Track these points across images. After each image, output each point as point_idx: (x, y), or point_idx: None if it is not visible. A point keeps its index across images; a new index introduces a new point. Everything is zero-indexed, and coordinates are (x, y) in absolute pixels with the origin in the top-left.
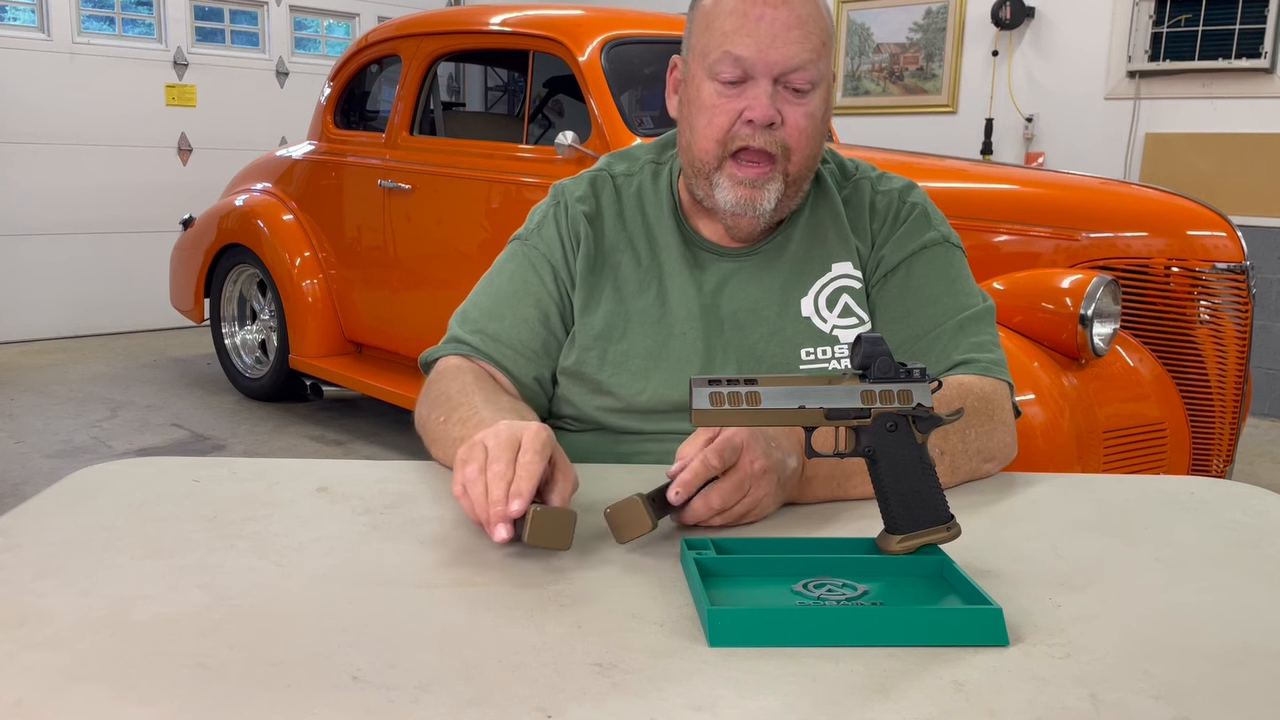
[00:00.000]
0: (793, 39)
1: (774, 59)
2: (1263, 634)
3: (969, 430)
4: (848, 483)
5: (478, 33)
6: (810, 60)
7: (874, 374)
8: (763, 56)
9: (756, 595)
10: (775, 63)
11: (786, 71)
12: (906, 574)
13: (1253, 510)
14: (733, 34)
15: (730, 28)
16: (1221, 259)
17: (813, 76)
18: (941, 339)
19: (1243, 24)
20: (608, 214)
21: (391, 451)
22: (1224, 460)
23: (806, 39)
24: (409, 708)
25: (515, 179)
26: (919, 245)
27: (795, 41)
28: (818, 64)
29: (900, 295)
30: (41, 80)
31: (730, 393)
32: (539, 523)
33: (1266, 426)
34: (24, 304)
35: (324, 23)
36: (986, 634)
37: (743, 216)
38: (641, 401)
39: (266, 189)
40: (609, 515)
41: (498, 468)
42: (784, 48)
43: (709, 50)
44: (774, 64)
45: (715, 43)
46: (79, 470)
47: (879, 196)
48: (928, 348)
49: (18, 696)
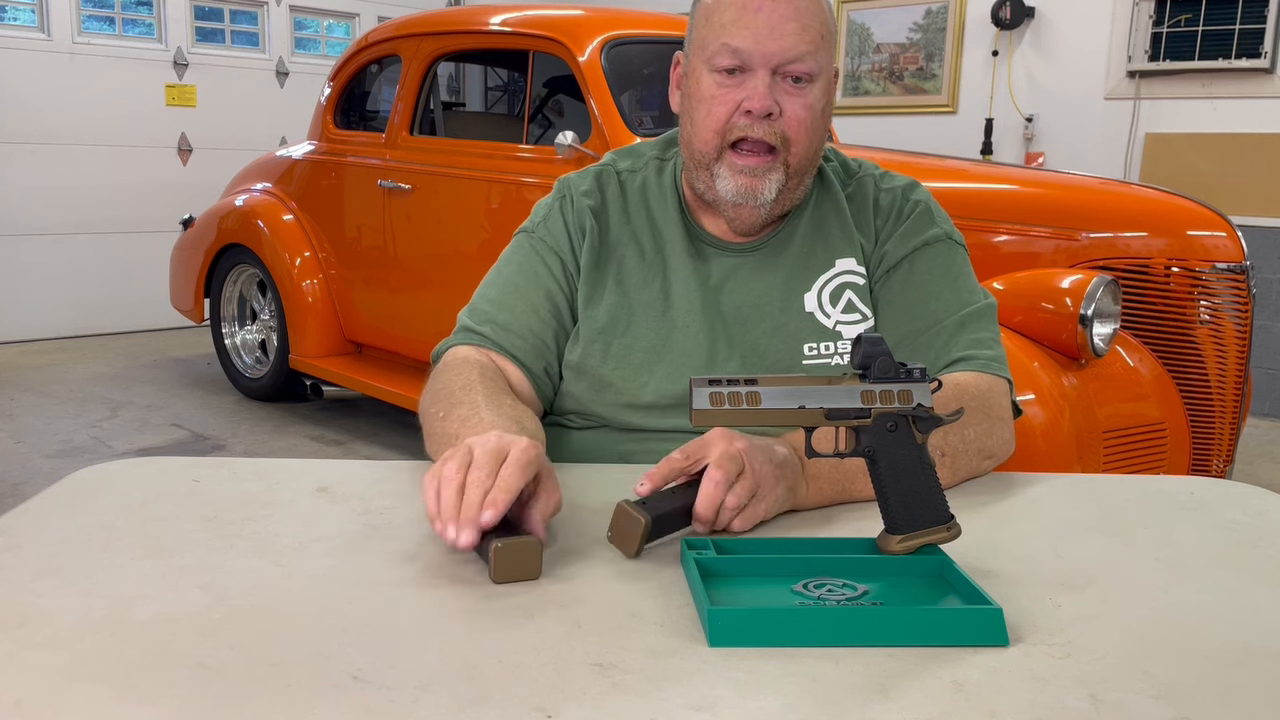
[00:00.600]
0: (790, 30)
1: (771, 50)
2: (1263, 634)
3: (968, 428)
4: (851, 484)
5: (478, 33)
6: (808, 52)
7: (874, 374)
8: (760, 47)
9: (756, 595)
10: (772, 54)
11: (784, 62)
12: (906, 574)
13: (1253, 510)
14: (731, 26)
15: (728, 20)
16: (1221, 259)
17: (810, 68)
18: (942, 335)
19: (1243, 24)
20: (612, 208)
21: (391, 451)
22: (1224, 460)
23: (804, 31)
24: (409, 708)
25: (515, 179)
26: (921, 242)
27: (793, 33)
28: (816, 56)
29: (902, 291)
30: (41, 80)
31: (730, 393)
32: (503, 559)
33: (1266, 426)
34: (24, 304)
35: (324, 23)
36: (987, 634)
37: (744, 207)
38: (644, 396)
39: (266, 189)
40: (611, 539)
41: (479, 474)
42: (781, 39)
43: (708, 43)
44: (771, 55)
45: (714, 35)
46: (79, 470)
47: (883, 194)
48: (928, 344)
49: (18, 696)
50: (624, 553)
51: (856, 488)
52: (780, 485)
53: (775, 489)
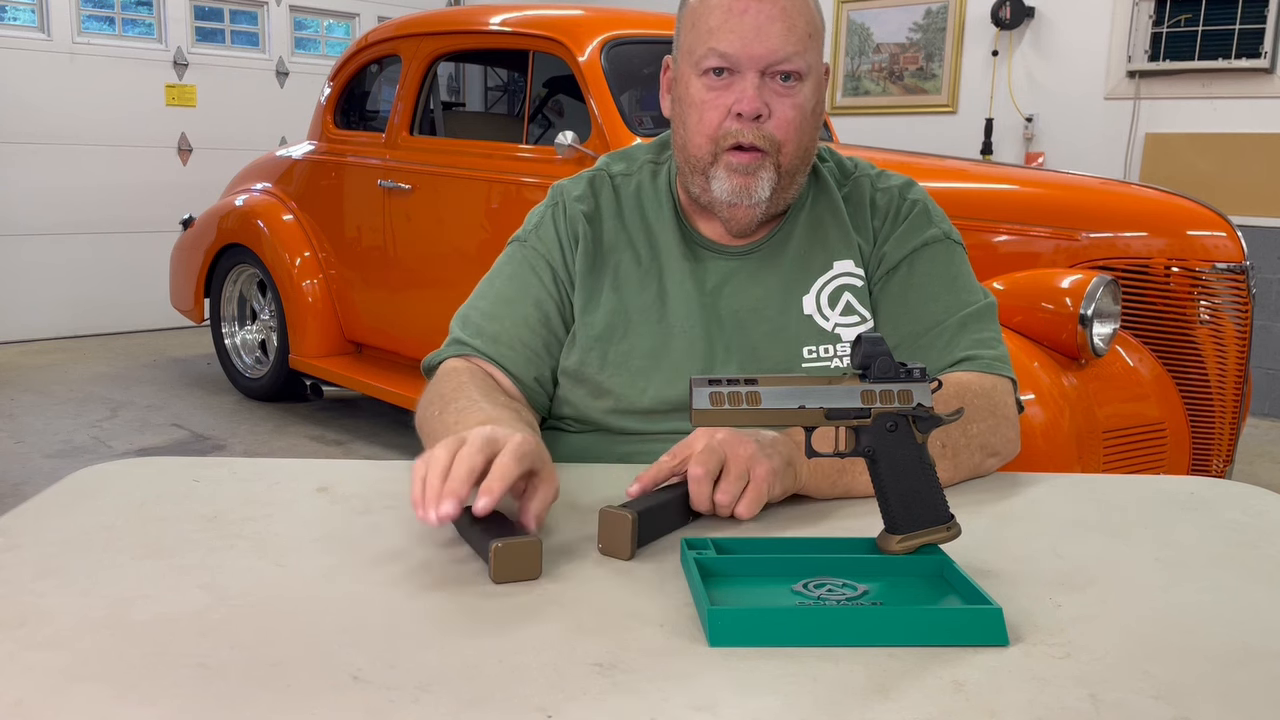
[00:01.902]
0: (776, 31)
1: (758, 52)
2: (1263, 634)
3: (971, 425)
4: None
5: (478, 33)
6: (796, 52)
7: (874, 374)
8: (747, 50)
9: (756, 595)
10: (759, 56)
11: (772, 64)
12: (906, 574)
13: (1253, 510)
14: (718, 30)
15: (715, 24)
16: (1221, 259)
17: (799, 67)
18: (944, 336)
19: (1243, 24)
20: (606, 213)
21: (391, 451)
22: (1224, 460)
23: (791, 30)
24: (409, 708)
25: (515, 179)
26: (920, 242)
27: (779, 34)
28: (804, 55)
29: (902, 292)
30: (41, 80)
31: (730, 393)
32: (503, 558)
33: (1266, 426)
34: (24, 304)
35: (324, 23)
36: (986, 634)
37: (738, 206)
38: (643, 402)
39: (266, 189)
40: (602, 549)
41: (469, 451)
42: (768, 40)
43: (695, 47)
44: (758, 57)
45: (701, 40)
46: (79, 470)
47: (879, 193)
48: (930, 344)
49: (18, 696)
50: (619, 557)
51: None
52: (774, 459)
53: (768, 465)
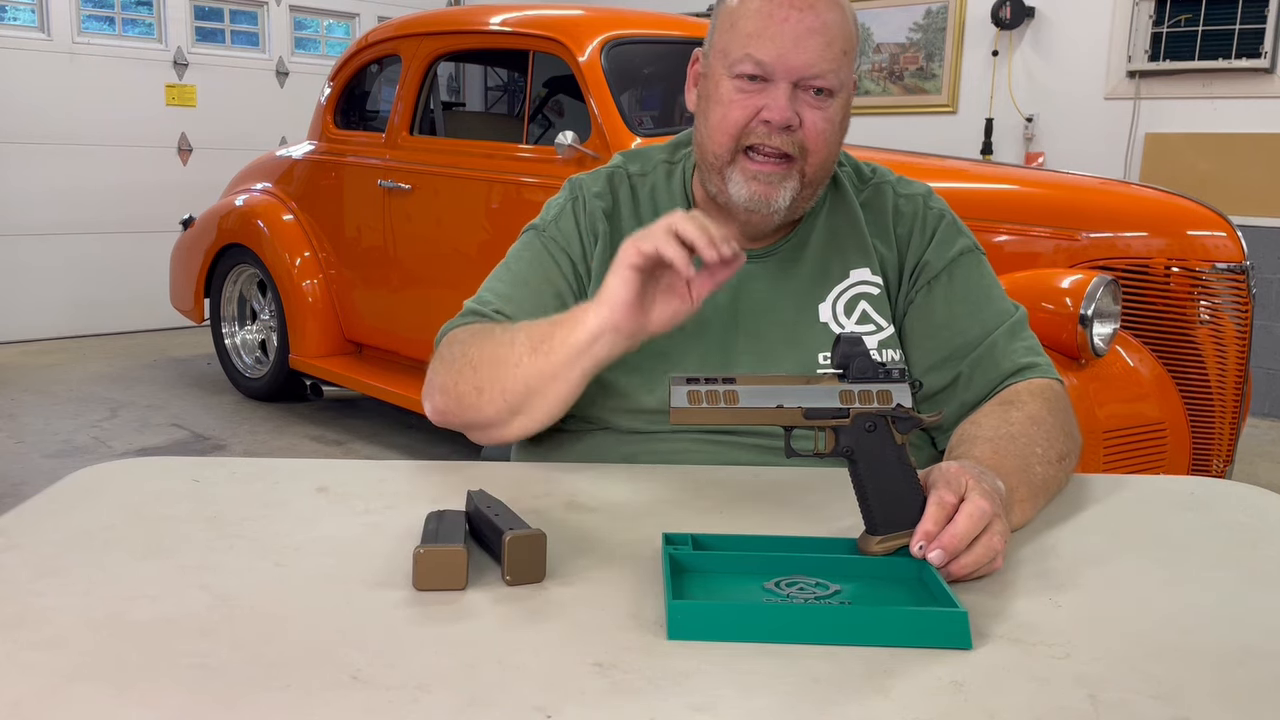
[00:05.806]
0: (815, 45)
1: (794, 64)
2: (1263, 634)
3: (1052, 450)
4: (1041, 499)
5: (478, 33)
6: (831, 69)
7: (853, 374)
8: (783, 61)
9: (727, 591)
10: (795, 68)
11: (806, 77)
12: (883, 576)
13: (1253, 510)
14: (755, 36)
15: (753, 29)
16: (1221, 259)
17: (833, 84)
18: (999, 345)
19: (1243, 24)
20: (625, 210)
21: (391, 451)
22: (1224, 460)
23: (829, 46)
24: (409, 708)
25: (515, 179)
26: (956, 252)
27: (817, 48)
28: (838, 73)
29: (946, 302)
30: (41, 80)
31: (708, 391)
32: (425, 566)
33: (1266, 426)
34: (24, 304)
35: (324, 23)
36: (951, 636)
37: (756, 213)
38: (650, 402)
39: (266, 189)
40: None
41: (680, 216)
42: (805, 53)
43: (730, 49)
44: (794, 69)
45: (738, 43)
46: (79, 470)
47: (902, 200)
48: (986, 354)
49: (18, 696)
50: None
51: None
52: (1007, 533)
53: (1002, 540)
